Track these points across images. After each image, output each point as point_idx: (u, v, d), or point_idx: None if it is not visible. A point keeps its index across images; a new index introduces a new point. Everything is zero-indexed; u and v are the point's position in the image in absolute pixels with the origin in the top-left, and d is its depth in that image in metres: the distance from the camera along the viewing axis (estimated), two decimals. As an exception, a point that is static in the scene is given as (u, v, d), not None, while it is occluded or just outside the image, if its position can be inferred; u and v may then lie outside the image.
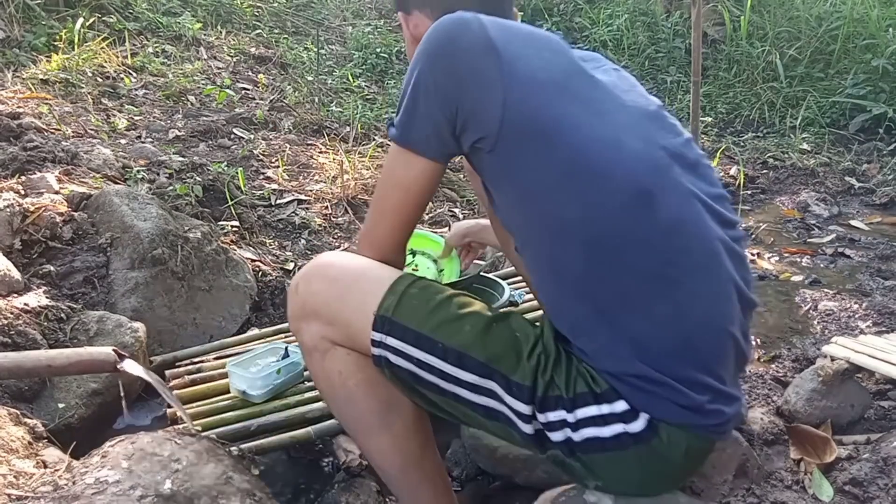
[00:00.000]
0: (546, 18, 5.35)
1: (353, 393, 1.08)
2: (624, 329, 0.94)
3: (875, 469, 1.29)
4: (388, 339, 1.01)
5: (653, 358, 0.94)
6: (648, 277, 0.94)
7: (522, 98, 0.95)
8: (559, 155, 0.95)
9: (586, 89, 0.99)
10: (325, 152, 3.16)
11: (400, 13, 1.22)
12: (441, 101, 0.98)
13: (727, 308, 0.98)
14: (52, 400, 1.46)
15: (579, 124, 0.95)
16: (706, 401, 0.95)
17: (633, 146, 0.97)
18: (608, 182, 0.94)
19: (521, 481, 1.38)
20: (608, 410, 0.95)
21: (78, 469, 1.00)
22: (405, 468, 1.10)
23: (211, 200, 2.38)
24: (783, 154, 3.74)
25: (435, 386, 1.01)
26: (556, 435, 0.97)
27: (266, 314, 2.06)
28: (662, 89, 4.64)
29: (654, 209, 0.95)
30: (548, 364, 0.98)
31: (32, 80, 3.11)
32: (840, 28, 4.35)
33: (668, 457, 0.96)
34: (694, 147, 1.07)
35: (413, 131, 1.01)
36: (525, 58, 0.97)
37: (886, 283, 2.29)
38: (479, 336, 0.99)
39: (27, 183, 2.01)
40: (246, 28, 4.74)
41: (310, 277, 1.08)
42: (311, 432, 1.39)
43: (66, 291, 1.75)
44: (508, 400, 0.97)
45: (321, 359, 1.08)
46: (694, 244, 0.96)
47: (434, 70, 0.98)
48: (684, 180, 0.99)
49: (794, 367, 1.78)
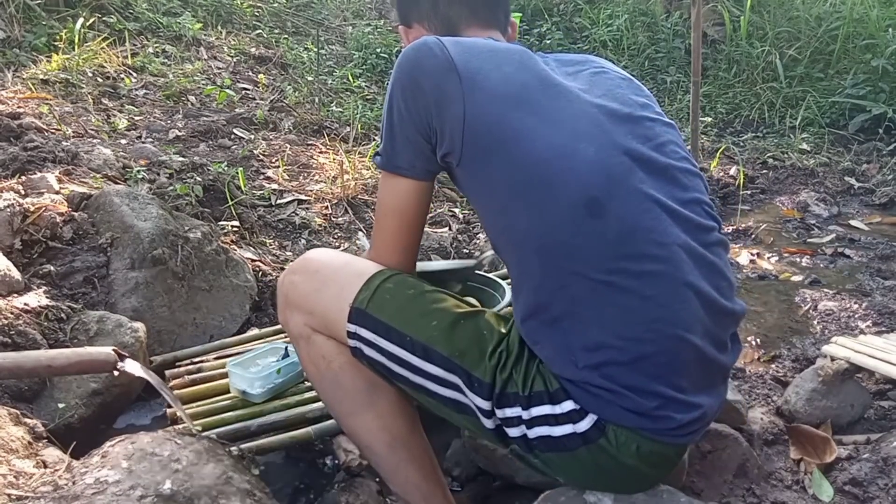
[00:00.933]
0: (546, 18, 5.35)
1: (338, 374, 1.13)
2: (574, 339, 0.96)
3: (875, 469, 1.29)
4: (362, 330, 1.06)
5: (601, 366, 0.95)
6: (596, 286, 0.95)
7: (481, 112, 1.00)
8: (515, 167, 0.99)
9: (547, 99, 1.02)
10: (325, 152, 3.16)
11: (401, 27, 1.27)
12: (415, 123, 1.04)
13: (684, 314, 0.97)
14: (52, 400, 1.46)
15: (534, 136, 0.99)
16: (654, 407, 0.95)
17: (586, 153, 0.99)
18: (558, 192, 0.97)
19: (521, 481, 1.38)
20: (559, 410, 0.98)
21: (78, 469, 1.00)
22: (393, 446, 1.14)
23: (211, 200, 2.38)
24: (783, 154, 3.74)
25: (405, 378, 1.06)
26: (513, 431, 1.01)
27: (266, 314, 2.06)
28: (662, 89, 4.64)
29: (603, 217, 0.96)
30: (507, 362, 1.01)
31: (32, 80, 3.11)
32: (840, 28, 4.35)
33: (618, 457, 0.98)
34: (672, 150, 1.06)
35: (397, 157, 1.07)
36: (484, 73, 1.02)
37: (886, 282, 2.29)
38: (445, 331, 1.03)
39: (27, 183, 2.01)
40: (246, 28, 4.74)
41: (294, 270, 1.16)
42: (311, 432, 1.39)
43: (66, 291, 1.75)
44: (470, 395, 1.02)
45: (306, 345, 1.15)
46: (647, 251, 0.96)
47: (405, 95, 1.04)
48: (645, 186, 0.99)
49: (794, 367, 1.79)
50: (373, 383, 1.12)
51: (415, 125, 1.04)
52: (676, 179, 1.04)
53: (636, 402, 0.95)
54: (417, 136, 1.05)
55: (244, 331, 1.95)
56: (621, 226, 0.96)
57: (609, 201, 0.96)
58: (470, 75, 1.01)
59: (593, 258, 0.95)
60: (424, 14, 1.22)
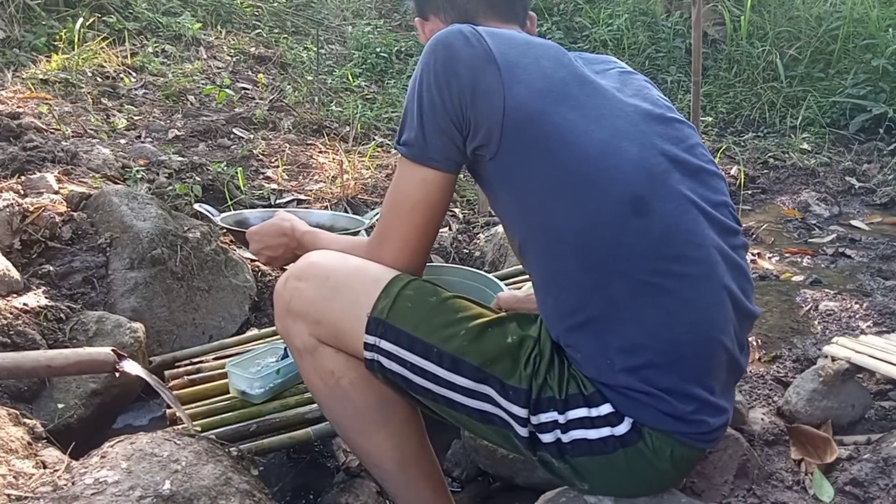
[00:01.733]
0: (546, 18, 5.35)
1: (348, 392, 1.07)
2: (611, 340, 0.94)
3: (876, 469, 1.28)
4: (382, 342, 1.00)
5: (639, 369, 0.94)
6: (638, 286, 0.94)
7: (522, 105, 0.96)
8: (557, 162, 0.95)
9: (585, 96, 1.00)
10: (324, 152, 3.16)
11: (417, 19, 1.22)
12: (449, 112, 0.98)
13: (719, 317, 0.98)
14: (51, 400, 1.46)
15: (577, 131, 0.96)
16: (690, 411, 0.95)
17: (629, 152, 0.97)
18: (603, 190, 0.95)
19: (521, 482, 1.37)
20: (596, 413, 0.96)
21: (77, 469, 0.99)
22: (403, 464, 1.10)
23: (210, 200, 2.38)
24: (784, 154, 3.74)
25: (428, 391, 1.00)
26: (546, 437, 0.97)
27: (266, 314, 2.06)
28: (663, 89, 4.60)
29: (648, 217, 0.95)
30: (541, 366, 0.98)
31: (32, 80, 3.10)
32: (840, 28, 4.35)
33: (654, 461, 0.97)
34: (700, 153, 1.06)
35: (429, 148, 1.00)
36: (523, 67, 0.98)
37: (887, 283, 2.28)
38: (474, 340, 0.98)
39: (27, 183, 2.01)
40: (246, 28, 4.74)
41: (297, 275, 1.07)
42: (311, 433, 1.39)
43: (65, 291, 1.75)
44: (504, 404, 0.97)
45: (311, 359, 1.07)
46: (687, 252, 0.96)
47: (438, 82, 0.98)
48: (682, 187, 0.99)
49: (794, 367, 1.78)
50: (384, 400, 1.07)
51: (448, 114, 0.98)
52: (707, 182, 1.04)
53: (673, 406, 0.94)
54: (450, 126, 0.99)
55: (243, 331, 1.95)
56: (664, 226, 0.95)
57: (653, 201, 0.95)
58: (509, 67, 0.97)
59: (637, 258, 0.94)
60: (441, 5, 1.17)
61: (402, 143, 1.03)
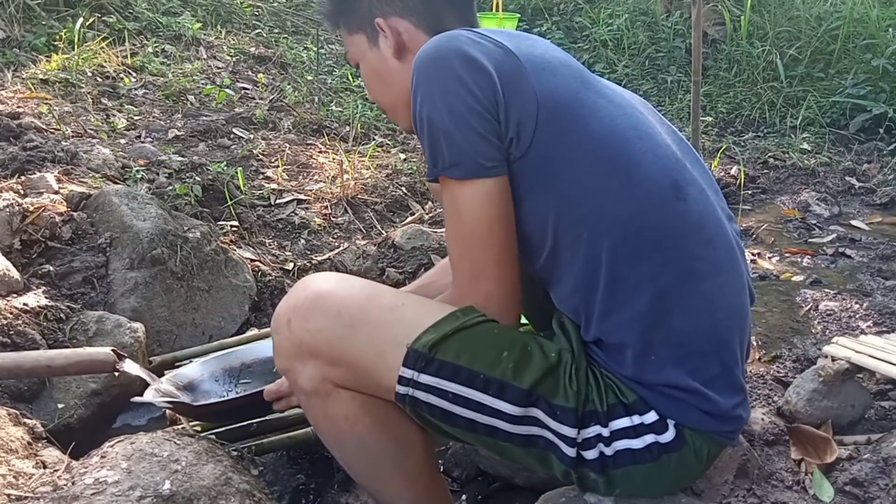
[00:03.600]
0: (546, 18, 5.35)
1: (364, 438, 0.99)
2: (656, 333, 0.93)
3: (876, 469, 1.28)
4: (421, 376, 0.92)
5: (684, 360, 0.93)
6: (682, 274, 0.93)
7: (553, 92, 0.93)
8: (600, 145, 0.92)
9: (600, 85, 0.99)
10: (324, 152, 3.16)
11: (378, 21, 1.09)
12: (486, 110, 0.91)
13: (745, 299, 1.00)
14: (51, 400, 1.46)
15: (612, 115, 0.94)
16: (730, 407, 0.95)
17: (656, 138, 0.97)
18: (647, 173, 0.93)
19: (521, 482, 1.37)
20: (639, 421, 0.94)
21: (77, 469, 0.99)
22: (417, 501, 1.06)
23: (210, 200, 2.38)
24: (784, 154, 3.74)
25: (469, 421, 0.94)
26: (590, 453, 0.94)
27: (265, 314, 2.06)
28: (663, 89, 4.63)
29: (686, 201, 0.94)
30: (581, 380, 0.94)
31: (32, 80, 3.10)
32: (840, 28, 4.35)
33: (692, 463, 0.96)
34: (684, 140, 1.08)
35: (478, 156, 0.91)
36: (540, 56, 0.96)
37: (887, 283, 2.28)
38: (518, 361, 0.92)
39: (27, 183, 2.01)
40: (246, 28, 4.74)
41: (306, 313, 0.95)
42: (311, 432, 1.38)
43: (65, 291, 1.75)
44: (553, 425, 0.93)
45: (322, 403, 0.99)
46: (715, 236, 0.97)
47: (466, 86, 0.91)
48: (695, 173, 1.00)
49: (794, 367, 1.78)
50: (400, 443, 1.01)
51: (485, 113, 0.91)
52: (705, 169, 1.05)
53: (716, 404, 0.94)
54: (490, 125, 0.91)
55: (243, 331, 1.94)
56: (697, 210, 0.94)
57: (685, 186, 0.94)
58: (527, 58, 0.93)
59: (681, 244, 0.92)
60: (413, 8, 1.09)
61: (449, 166, 0.93)
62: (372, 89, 1.18)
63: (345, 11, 1.14)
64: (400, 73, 1.09)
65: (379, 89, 1.16)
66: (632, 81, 4.74)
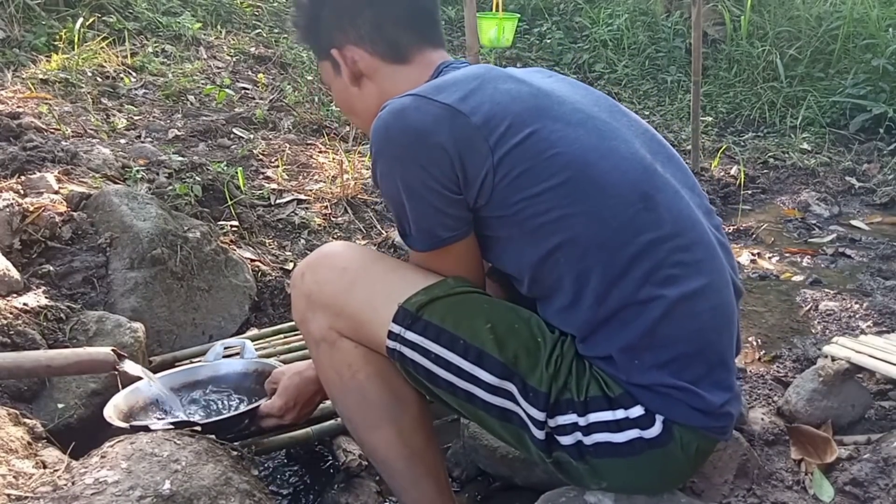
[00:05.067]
0: (546, 18, 5.35)
1: (363, 385, 1.06)
2: (641, 341, 0.94)
3: (875, 469, 1.29)
4: (407, 332, 0.99)
5: (668, 363, 0.94)
6: (662, 283, 0.94)
7: (504, 136, 0.94)
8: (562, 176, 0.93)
9: (556, 105, 0.99)
10: (324, 152, 3.16)
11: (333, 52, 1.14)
12: (442, 183, 0.95)
13: (729, 298, 1.00)
14: (51, 400, 1.46)
15: (569, 140, 0.95)
16: (719, 404, 0.96)
17: (620, 150, 0.97)
18: (613, 194, 0.94)
19: (520, 482, 1.37)
20: (623, 415, 0.95)
21: (77, 469, 0.99)
22: (411, 460, 1.09)
23: (210, 200, 2.38)
24: (784, 154, 3.74)
25: (450, 384, 1.00)
26: (565, 439, 0.96)
27: (265, 314, 2.06)
28: (663, 89, 4.63)
29: (656, 210, 0.95)
30: (562, 367, 0.96)
31: (32, 79, 3.10)
32: (840, 28, 4.36)
33: (680, 458, 0.97)
34: (659, 138, 1.08)
35: (438, 230, 0.98)
36: (488, 99, 0.96)
37: (887, 282, 2.28)
38: (500, 335, 0.97)
39: (27, 183, 2.01)
40: (246, 28, 4.74)
41: (316, 267, 1.07)
42: (311, 432, 1.39)
43: (65, 291, 1.75)
44: (523, 404, 0.96)
45: (329, 350, 1.07)
46: (694, 238, 0.97)
47: (420, 166, 0.94)
48: (668, 175, 1.00)
49: (794, 367, 1.78)
50: (398, 396, 1.07)
51: (442, 186, 0.95)
52: (679, 166, 1.05)
53: (704, 400, 0.94)
54: (448, 197, 0.95)
55: (243, 331, 1.95)
56: (670, 216, 0.95)
57: (654, 194, 0.95)
58: (474, 108, 0.94)
59: (657, 254, 0.93)
60: (365, 36, 1.11)
61: (412, 240, 1.02)
62: (344, 112, 1.27)
63: (309, 41, 1.21)
64: (361, 98, 1.16)
65: (349, 113, 1.24)
66: (632, 81, 4.74)
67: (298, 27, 1.20)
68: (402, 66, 1.13)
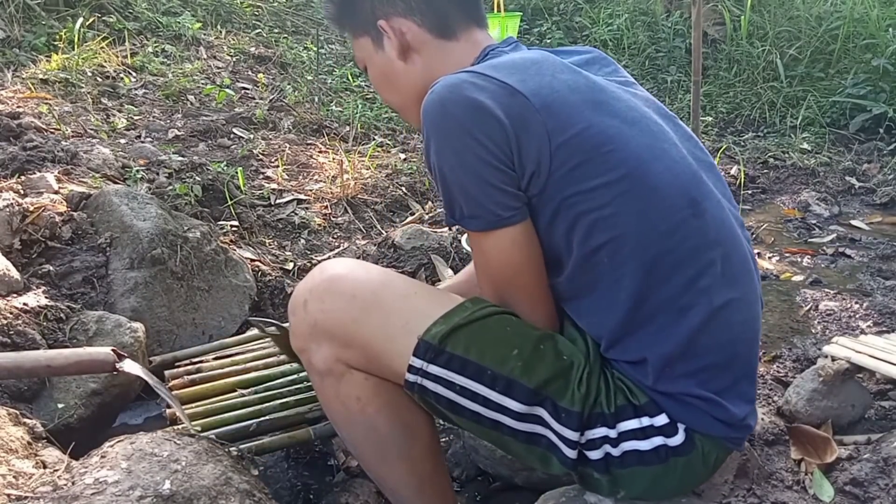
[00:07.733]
0: (546, 18, 5.35)
1: (374, 419, 1.02)
2: (674, 348, 0.93)
3: (876, 469, 1.28)
4: (430, 367, 0.94)
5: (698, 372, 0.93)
6: (702, 292, 0.93)
7: (563, 125, 0.90)
8: (617, 172, 0.91)
9: (613, 100, 0.96)
10: (324, 152, 3.16)
11: (380, 23, 1.09)
12: (499, 160, 0.90)
13: (758, 310, 1.00)
14: (51, 400, 1.46)
15: (625, 138, 0.92)
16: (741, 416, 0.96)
17: (671, 153, 0.96)
18: (664, 196, 0.92)
19: (520, 482, 1.37)
20: (648, 423, 0.94)
21: (77, 469, 0.99)
22: (421, 488, 1.07)
23: (210, 200, 2.38)
24: (784, 154, 3.74)
25: (475, 413, 0.95)
26: (594, 453, 0.94)
27: (265, 314, 2.06)
28: (663, 89, 4.63)
29: (703, 218, 0.94)
30: (591, 384, 0.94)
31: (32, 79, 3.10)
32: (840, 28, 4.35)
33: (699, 468, 0.97)
34: (702, 147, 1.06)
35: (496, 208, 0.92)
36: (547, 86, 0.93)
37: (887, 282, 2.28)
38: (528, 360, 0.93)
39: (27, 183, 2.01)
40: (246, 28, 4.74)
41: (322, 294, 0.99)
42: (311, 432, 1.39)
43: (65, 291, 1.75)
44: (556, 426, 0.94)
45: (335, 384, 1.01)
46: (732, 249, 0.97)
47: (477, 140, 0.89)
48: (711, 184, 0.99)
49: (794, 367, 1.78)
50: (409, 428, 1.03)
51: (499, 164, 0.90)
52: (718, 175, 1.04)
53: (727, 411, 0.94)
54: (506, 173, 0.90)
55: (243, 331, 1.94)
56: (715, 225, 0.94)
57: (702, 201, 0.94)
58: (533, 92, 0.91)
59: (700, 261, 0.92)
60: (415, 7, 1.07)
61: (468, 218, 0.94)
62: (381, 91, 1.18)
63: (348, 15, 1.14)
64: (406, 73, 1.10)
65: (388, 91, 1.16)
66: (632, 81, 4.74)
67: (333, 2, 1.15)
68: (449, 43, 1.08)
